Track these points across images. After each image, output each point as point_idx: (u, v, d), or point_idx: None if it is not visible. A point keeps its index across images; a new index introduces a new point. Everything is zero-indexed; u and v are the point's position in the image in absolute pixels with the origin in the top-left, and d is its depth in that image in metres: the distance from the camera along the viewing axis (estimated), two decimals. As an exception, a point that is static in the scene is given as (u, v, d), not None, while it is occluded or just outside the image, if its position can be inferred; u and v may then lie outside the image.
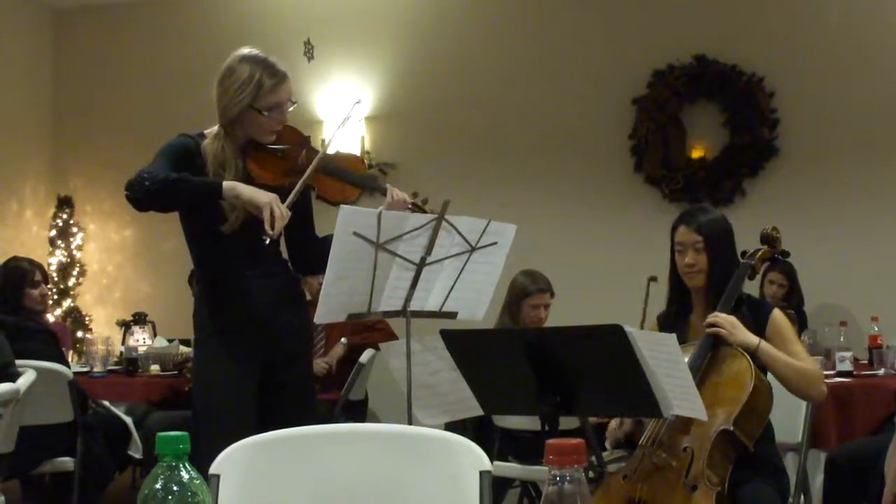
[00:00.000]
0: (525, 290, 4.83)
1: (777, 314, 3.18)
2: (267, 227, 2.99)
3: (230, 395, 3.17)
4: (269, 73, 3.14)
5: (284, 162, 3.21)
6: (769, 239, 3.31)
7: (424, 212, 3.25)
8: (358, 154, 6.43)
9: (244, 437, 1.95)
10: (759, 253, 3.27)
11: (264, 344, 3.22)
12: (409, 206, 3.24)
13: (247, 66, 3.14)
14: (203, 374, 3.29)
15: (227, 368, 3.19)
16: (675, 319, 3.26)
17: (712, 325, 3.03)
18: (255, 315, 3.21)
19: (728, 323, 3.03)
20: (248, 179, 3.14)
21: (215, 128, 3.22)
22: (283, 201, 3.11)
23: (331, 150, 3.30)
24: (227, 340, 3.20)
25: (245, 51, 3.20)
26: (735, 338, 3.01)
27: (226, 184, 3.05)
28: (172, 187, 3.03)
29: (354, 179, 3.30)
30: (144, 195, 3.05)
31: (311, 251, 3.33)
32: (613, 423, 3.23)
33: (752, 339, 3.02)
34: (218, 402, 3.18)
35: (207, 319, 3.26)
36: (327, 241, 3.06)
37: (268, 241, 3.00)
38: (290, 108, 3.24)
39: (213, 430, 3.03)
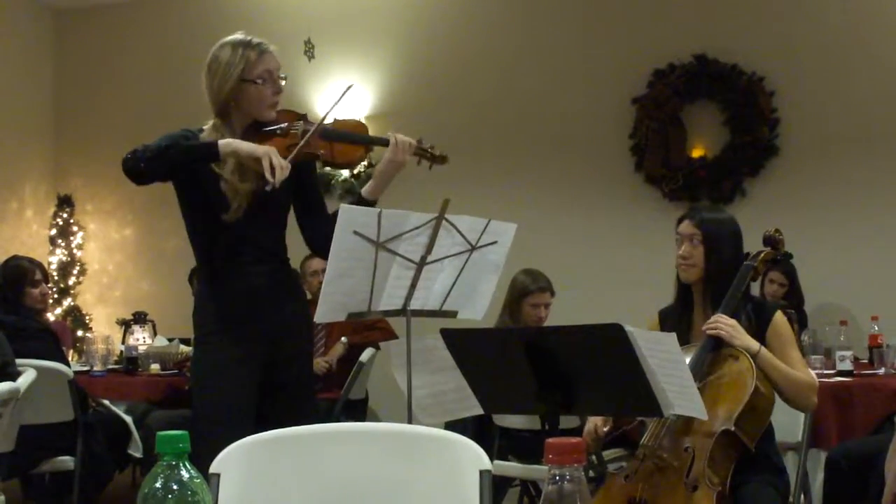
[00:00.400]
0: (525, 289, 4.83)
1: (779, 317, 3.17)
2: (267, 175, 2.99)
3: (230, 393, 3.16)
4: (250, 47, 3.19)
5: (286, 138, 3.22)
6: (772, 241, 3.30)
7: (433, 156, 3.31)
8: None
9: (244, 437, 1.95)
10: (762, 255, 3.26)
11: (265, 342, 3.21)
12: (416, 151, 3.30)
13: (228, 48, 3.19)
14: (203, 373, 3.28)
15: (227, 367, 3.18)
16: (676, 317, 3.26)
17: (713, 328, 3.03)
18: (256, 312, 3.21)
19: (729, 326, 3.02)
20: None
21: (211, 121, 3.23)
22: (300, 180, 3.19)
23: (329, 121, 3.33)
24: (228, 338, 3.19)
25: (224, 38, 3.25)
26: (735, 341, 3.01)
27: (221, 141, 3.07)
28: (166, 152, 3.06)
29: (358, 139, 3.34)
30: (144, 163, 3.05)
31: (327, 229, 3.32)
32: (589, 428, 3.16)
33: (753, 344, 3.02)
34: (218, 401, 3.17)
35: (207, 317, 3.25)
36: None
37: (269, 188, 2.99)
38: (283, 82, 3.26)
39: (213, 429, 3.02)
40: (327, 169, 6.46)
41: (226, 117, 3.20)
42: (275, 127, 3.24)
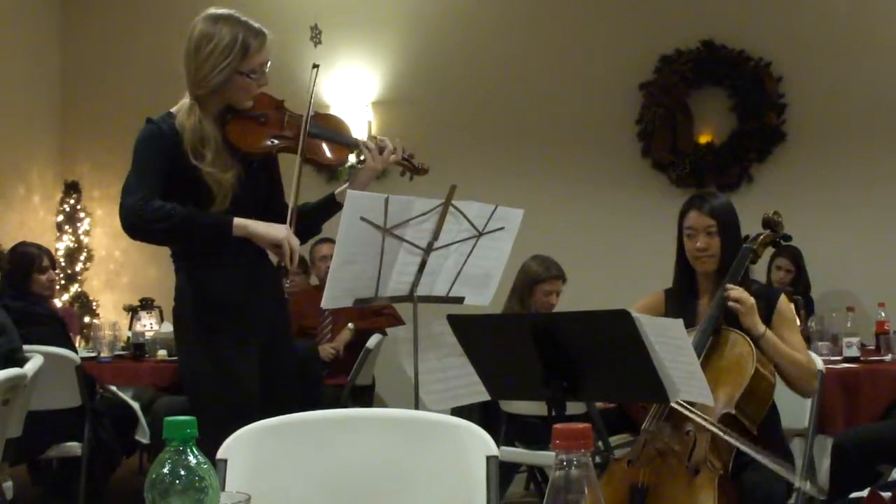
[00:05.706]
0: (538, 276, 4.83)
1: (784, 301, 3.21)
2: (286, 262, 3.00)
3: (235, 379, 3.10)
4: (252, 33, 3.01)
5: (267, 127, 3.10)
6: (771, 223, 3.31)
7: (415, 167, 3.25)
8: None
9: (251, 420, 1.95)
10: (761, 238, 3.27)
11: (260, 326, 3.13)
12: (399, 161, 3.22)
13: (226, 28, 2.99)
14: (200, 360, 3.13)
15: (225, 352, 3.08)
16: (682, 302, 3.26)
17: (735, 299, 3.05)
18: (247, 297, 3.11)
19: (747, 305, 3.05)
20: (231, 150, 3.03)
21: (185, 101, 3.06)
22: (267, 166, 3.13)
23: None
24: (222, 325, 3.09)
25: (214, 11, 3.04)
26: (745, 319, 3.04)
27: (236, 222, 2.98)
28: (181, 226, 2.94)
29: (342, 140, 3.24)
30: (155, 234, 2.98)
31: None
32: None
33: (760, 326, 3.05)
34: (224, 386, 3.13)
35: (199, 305, 3.12)
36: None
37: (289, 281, 2.99)
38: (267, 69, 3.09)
39: (220, 414, 2.99)
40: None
41: (204, 101, 3.03)
42: (258, 114, 3.10)
